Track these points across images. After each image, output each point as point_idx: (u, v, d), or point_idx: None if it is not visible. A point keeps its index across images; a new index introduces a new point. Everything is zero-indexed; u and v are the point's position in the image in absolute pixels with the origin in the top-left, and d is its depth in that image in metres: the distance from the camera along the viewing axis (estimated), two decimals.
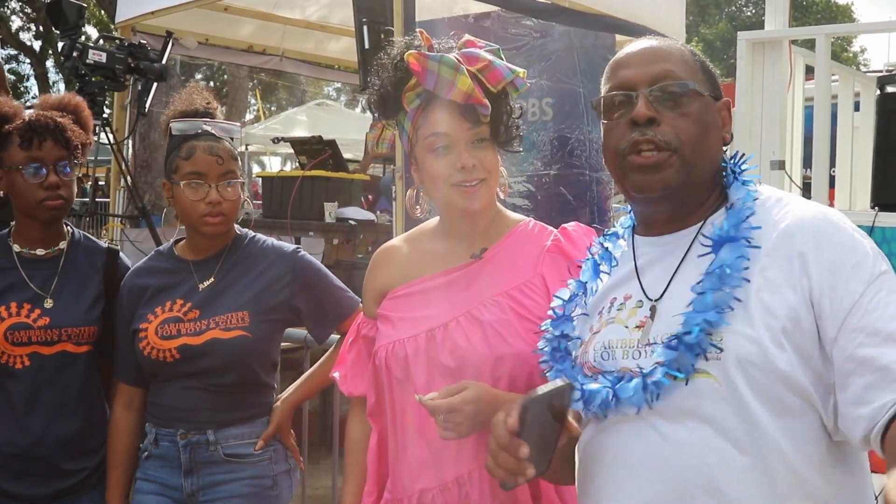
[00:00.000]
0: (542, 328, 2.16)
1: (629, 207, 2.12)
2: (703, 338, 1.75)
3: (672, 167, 1.87)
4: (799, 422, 1.72)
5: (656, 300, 1.90)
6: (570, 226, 2.47)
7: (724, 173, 1.98)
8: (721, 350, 1.74)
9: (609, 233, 2.16)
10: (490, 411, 2.21)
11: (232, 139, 3.06)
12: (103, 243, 3.23)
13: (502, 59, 2.40)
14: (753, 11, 30.49)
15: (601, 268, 2.10)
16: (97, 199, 6.65)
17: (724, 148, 2.01)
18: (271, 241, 3.12)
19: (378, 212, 7.49)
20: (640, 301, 1.93)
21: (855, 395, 1.66)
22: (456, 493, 2.32)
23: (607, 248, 2.12)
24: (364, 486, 2.56)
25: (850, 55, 31.71)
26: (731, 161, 1.99)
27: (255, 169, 21.55)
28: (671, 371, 1.76)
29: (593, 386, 1.89)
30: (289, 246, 3.11)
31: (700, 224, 1.92)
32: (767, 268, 1.77)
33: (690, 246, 1.91)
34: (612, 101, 1.95)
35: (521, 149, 2.49)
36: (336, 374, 2.68)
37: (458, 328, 2.35)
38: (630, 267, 2.01)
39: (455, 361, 2.32)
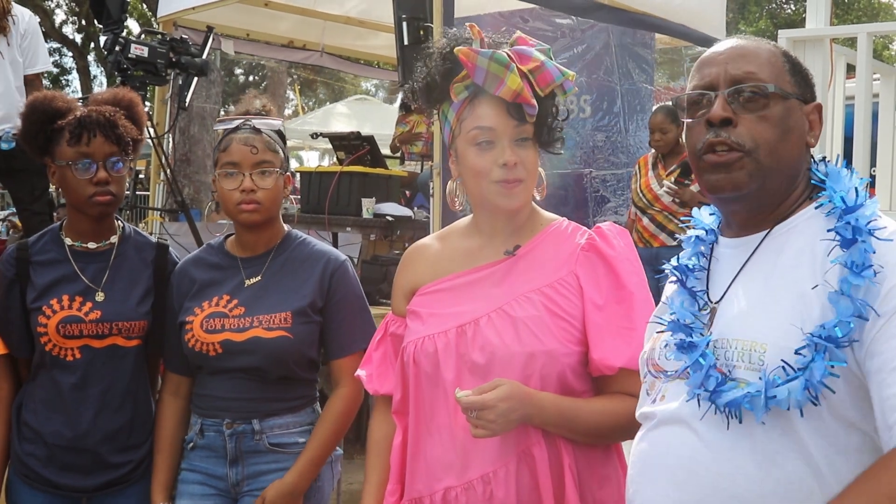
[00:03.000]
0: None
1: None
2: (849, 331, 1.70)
3: (744, 169, 1.86)
4: (840, 441, 1.71)
5: (716, 302, 1.91)
6: (605, 225, 2.46)
7: (809, 178, 1.94)
8: (763, 363, 1.74)
9: (691, 236, 2.11)
10: (523, 409, 2.20)
11: (280, 135, 3.10)
12: (153, 238, 3.27)
13: (552, 59, 2.39)
14: (794, 9, 30.18)
15: (687, 284, 2.04)
16: (137, 193, 6.71)
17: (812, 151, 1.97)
18: (322, 245, 3.15)
19: (415, 208, 7.48)
20: (706, 303, 1.94)
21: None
22: (481, 491, 2.30)
23: (691, 258, 2.07)
24: (385, 484, 2.54)
25: (893, 53, 31.33)
26: (826, 166, 1.95)
27: (293, 164, 21.60)
28: (831, 363, 1.69)
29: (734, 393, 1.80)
30: (338, 253, 3.14)
31: (768, 229, 1.90)
32: (822, 277, 1.75)
33: (756, 249, 1.90)
34: (693, 99, 1.95)
35: (562, 151, 2.48)
36: (362, 373, 2.68)
37: (490, 324, 2.33)
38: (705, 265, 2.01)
39: (485, 358, 2.31)
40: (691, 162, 1.98)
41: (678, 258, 2.09)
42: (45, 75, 6.66)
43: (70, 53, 29.12)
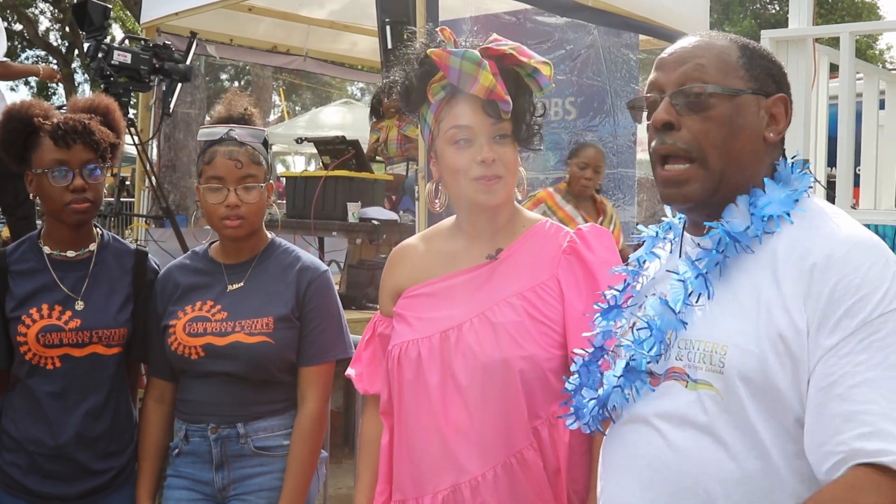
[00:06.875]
0: (592, 317, 2.14)
1: None
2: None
3: (696, 181, 1.85)
4: (794, 438, 1.70)
5: None
6: (586, 227, 2.47)
7: (774, 175, 1.91)
8: (723, 364, 1.74)
9: (665, 224, 2.14)
10: None
11: (264, 143, 3.10)
12: (132, 245, 3.26)
13: None
14: (778, 9, 30.31)
15: (655, 251, 2.10)
16: (122, 199, 6.69)
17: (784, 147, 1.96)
18: (304, 254, 3.15)
19: (401, 211, 7.48)
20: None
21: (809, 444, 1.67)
22: (468, 494, 2.31)
23: (661, 236, 2.12)
24: (376, 485, 2.56)
25: (876, 52, 31.48)
26: (785, 164, 1.92)
27: (279, 169, 21.57)
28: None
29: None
30: (319, 264, 3.14)
31: None
32: (784, 281, 1.74)
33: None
34: (644, 103, 1.94)
35: (541, 147, 2.50)
36: (351, 372, 2.69)
37: (472, 330, 2.35)
38: (673, 262, 2.01)
39: (467, 364, 2.32)
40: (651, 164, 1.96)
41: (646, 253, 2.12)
42: (31, 85, 6.65)
43: (55, 61, 29.04)
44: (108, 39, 6.10)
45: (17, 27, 28.10)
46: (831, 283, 1.69)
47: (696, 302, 1.83)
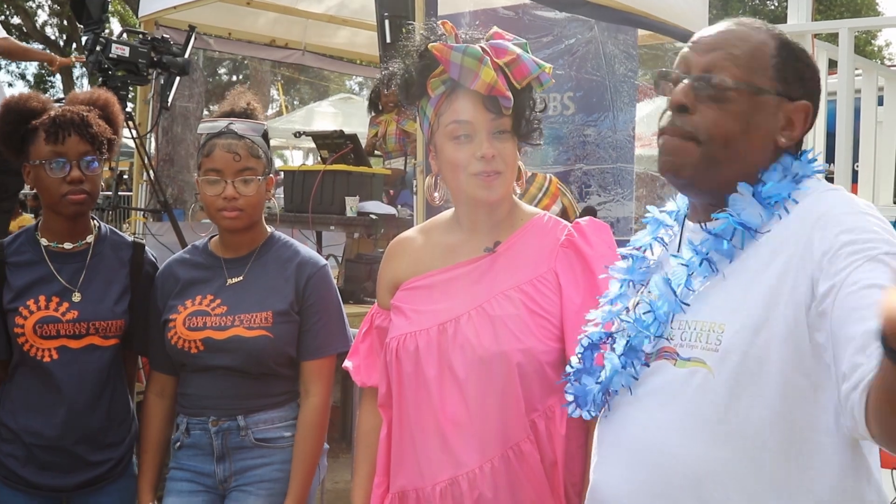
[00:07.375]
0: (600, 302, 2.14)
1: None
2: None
3: (689, 156, 1.85)
4: (794, 416, 1.69)
5: None
6: (584, 221, 2.47)
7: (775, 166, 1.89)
8: (720, 342, 1.74)
9: (668, 210, 2.13)
10: None
11: (264, 137, 3.11)
12: (129, 237, 3.27)
13: (529, 52, 2.41)
14: (776, 5, 30.29)
15: (660, 236, 2.09)
16: (120, 193, 6.67)
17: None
18: (304, 248, 3.17)
19: (399, 206, 7.46)
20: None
21: (843, 373, 1.56)
22: (466, 487, 2.31)
23: (663, 220, 2.11)
24: (374, 476, 2.56)
25: (875, 49, 31.45)
26: (790, 157, 1.90)
27: (277, 163, 21.53)
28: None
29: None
30: (318, 258, 3.16)
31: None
32: (779, 257, 1.74)
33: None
34: (668, 77, 1.92)
35: (540, 142, 2.50)
36: (349, 364, 2.70)
37: (470, 323, 2.35)
38: (673, 248, 2.01)
39: (465, 356, 2.33)
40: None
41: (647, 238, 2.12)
42: (27, 80, 6.64)
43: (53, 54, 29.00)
44: (106, 33, 6.06)
45: (15, 20, 28.08)
46: (828, 237, 1.68)
47: (698, 286, 1.84)
